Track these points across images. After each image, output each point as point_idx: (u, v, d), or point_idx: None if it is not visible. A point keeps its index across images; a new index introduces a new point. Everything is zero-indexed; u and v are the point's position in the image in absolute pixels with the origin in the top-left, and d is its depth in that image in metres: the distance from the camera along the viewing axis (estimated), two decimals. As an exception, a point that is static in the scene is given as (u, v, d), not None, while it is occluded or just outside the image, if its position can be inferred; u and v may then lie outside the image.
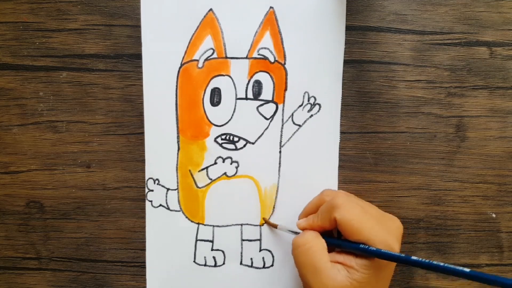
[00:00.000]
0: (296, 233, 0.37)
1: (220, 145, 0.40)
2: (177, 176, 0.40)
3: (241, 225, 0.40)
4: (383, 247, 0.32)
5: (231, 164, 0.40)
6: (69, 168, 0.40)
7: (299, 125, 0.40)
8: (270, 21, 0.39)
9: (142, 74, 0.39)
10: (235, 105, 0.39)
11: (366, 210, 0.34)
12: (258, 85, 0.39)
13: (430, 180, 0.40)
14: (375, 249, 0.32)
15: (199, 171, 0.40)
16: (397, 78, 0.40)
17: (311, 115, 0.40)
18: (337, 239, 0.35)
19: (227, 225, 0.40)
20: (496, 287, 0.28)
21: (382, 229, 0.33)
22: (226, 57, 0.39)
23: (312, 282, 0.33)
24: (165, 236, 0.40)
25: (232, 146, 0.40)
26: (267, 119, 0.40)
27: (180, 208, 0.40)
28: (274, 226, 0.39)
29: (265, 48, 0.39)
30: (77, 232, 0.41)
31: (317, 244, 0.34)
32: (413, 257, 0.31)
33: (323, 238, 0.35)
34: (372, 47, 0.40)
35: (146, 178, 0.40)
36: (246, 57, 0.39)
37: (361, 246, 0.32)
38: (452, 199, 0.40)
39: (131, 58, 0.40)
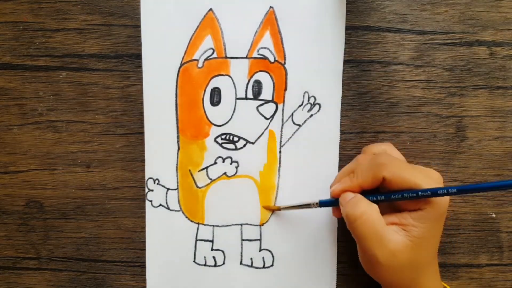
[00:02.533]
0: (300, 206, 0.37)
1: (220, 145, 0.40)
2: (177, 176, 0.40)
3: (241, 225, 0.40)
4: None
5: (231, 164, 0.40)
6: (69, 168, 0.40)
7: (299, 125, 0.40)
8: (270, 21, 0.39)
9: (142, 74, 0.39)
10: (235, 105, 0.39)
11: (407, 163, 0.34)
12: (258, 85, 0.39)
13: (430, 180, 0.40)
14: (428, 189, 0.31)
15: (199, 171, 0.40)
16: (397, 78, 0.40)
17: (311, 115, 0.40)
18: (388, 193, 0.34)
19: (227, 225, 0.40)
20: None
21: (427, 179, 0.33)
22: (226, 57, 0.39)
23: (375, 250, 0.32)
24: (165, 236, 0.40)
25: (232, 146, 0.40)
26: (267, 119, 0.40)
27: (180, 208, 0.40)
28: (277, 209, 0.39)
29: (265, 48, 0.39)
30: (77, 232, 0.41)
31: (372, 211, 0.33)
32: (469, 185, 0.31)
33: (378, 197, 0.34)
34: (372, 47, 0.40)
35: (146, 178, 0.40)
36: (246, 57, 0.39)
37: (416, 191, 0.32)
38: (452, 198, 0.40)
39: (131, 58, 0.40)
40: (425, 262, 0.34)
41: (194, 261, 0.40)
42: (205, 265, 0.40)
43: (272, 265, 0.40)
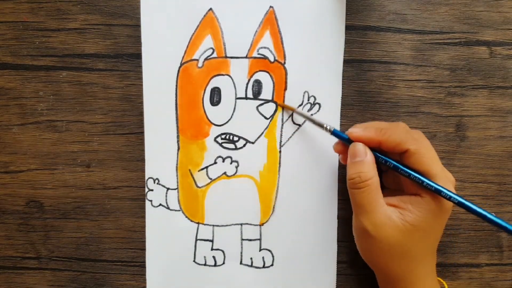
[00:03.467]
0: (314, 121, 0.37)
1: (220, 144, 0.40)
2: (177, 175, 0.40)
3: (241, 224, 0.40)
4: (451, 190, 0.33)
5: (231, 163, 0.40)
6: (69, 168, 0.40)
7: (299, 125, 0.40)
8: (270, 20, 0.39)
9: (142, 74, 0.39)
10: (235, 105, 0.39)
11: (437, 155, 0.34)
12: (258, 85, 0.39)
13: (430, 180, 0.40)
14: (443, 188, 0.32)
15: (199, 170, 0.40)
16: (397, 78, 0.40)
17: (311, 115, 0.40)
18: (398, 163, 0.34)
19: (227, 225, 0.40)
20: None
21: (446, 179, 0.33)
22: (226, 57, 0.39)
23: (364, 220, 0.33)
24: (165, 236, 0.40)
25: (232, 146, 0.40)
26: (267, 118, 0.40)
27: (180, 208, 0.40)
28: (291, 109, 0.39)
29: (265, 47, 0.39)
30: (77, 231, 0.41)
31: (374, 183, 0.33)
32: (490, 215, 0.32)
33: (389, 162, 0.34)
34: (372, 47, 0.40)
35: (146, 177, 0.40)
36: (246, 57, 0.39)
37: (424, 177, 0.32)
38: (452, 198, 0.40)
39: (131, 58, 0.40)
40: (420, 254, 0.34)
41: (194, 261, 0.40)
42: (205, 264, 0.40)
43: (272, 265, 0.40)
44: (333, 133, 0.36)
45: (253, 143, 0.40)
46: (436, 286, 0.35)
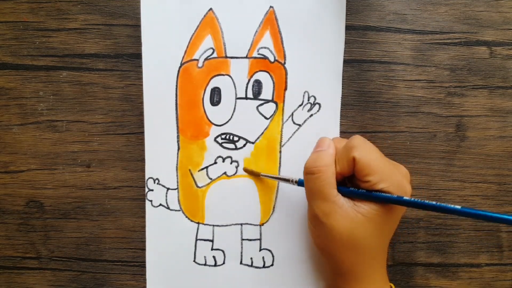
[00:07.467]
0: (280, 178, 0.38)
1: (220, 144, 0.40)
2: (177, 175, 0.40)
3: (241, 224, 0.40)
4: (397, 189, 0.33)
5: (231, 163, 0.40)
6: (69, 168, 0.40)
7: (299, 125, 0.40)
8: (270, 20, 0.39)
9: (142, 74, 0.39)
10: (235, 105, 0.39)
11: (381, 153, 0.34)
12: (258, 85, 0.39)
13: (430, 180, 0.40)
14: (389, 195, 0.32)
15: (199, 170, 0.40)
16: (397, 78, 0.40)
17: (311, 115, 0.40)
18: (350, 189, 0.34)
19: (227, 225, 0.40)
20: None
21: (396, 172, 0.34)
22: (226, 57, 0.39)
23: (316, 207, 0.34)
24: (165, 236, 0.40)
25: (232, 146, 0.40)
26: (267, 118, 0.40)
27: (180, 208, 0.40)
28: (257, 174, 0.39)
29: (265, 47, 0.39)
30: (77, 231, 0.41)
31: (328, 171, 0.34)
32: (424, 201, 0.32)
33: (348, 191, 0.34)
34: (372, 47, 0.40)
35: (146, 177, 0.40)
36: (246, 57, 0.39)
37: (374, 193, 0.33)
38: (452, 198, 0.40)
39: (131, 58, 0.40)
40: (370, 247, 0.34)
41: (194, 261, 0.40)
42: (205, 264, 0.40)
43: (272, 265, 0.40)
44: (299, 183, 0.37)
45: (253, 143, 0.40)
46: (385, 283, 0.35)
